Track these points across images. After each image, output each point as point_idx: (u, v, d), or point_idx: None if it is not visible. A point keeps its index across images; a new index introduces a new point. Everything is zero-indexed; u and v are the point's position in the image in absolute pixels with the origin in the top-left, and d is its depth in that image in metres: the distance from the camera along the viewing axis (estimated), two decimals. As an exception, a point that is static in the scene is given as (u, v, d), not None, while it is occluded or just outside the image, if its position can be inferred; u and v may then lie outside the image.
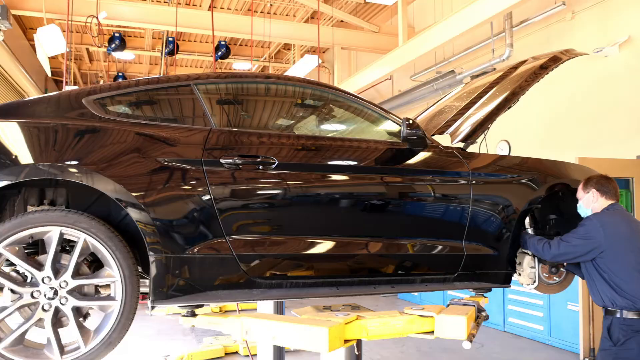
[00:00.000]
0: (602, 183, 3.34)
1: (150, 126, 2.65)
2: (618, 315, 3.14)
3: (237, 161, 2.61)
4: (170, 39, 12.16)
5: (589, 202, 3.36)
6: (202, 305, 2.76)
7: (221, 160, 2.59)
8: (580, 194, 3.41)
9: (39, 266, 2.37)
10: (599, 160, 6.17)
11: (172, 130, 2.66)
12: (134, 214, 2.42)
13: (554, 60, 3.58)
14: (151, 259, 2.43)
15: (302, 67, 11.50)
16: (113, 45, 12.13)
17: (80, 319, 2.45)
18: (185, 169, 2.54)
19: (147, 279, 2.57)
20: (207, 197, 2.54)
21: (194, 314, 2.75)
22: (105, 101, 2.70)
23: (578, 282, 5.52)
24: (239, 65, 15.14)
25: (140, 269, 2.62)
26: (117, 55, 14.32)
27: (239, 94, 3.15)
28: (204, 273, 2.53)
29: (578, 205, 3.44)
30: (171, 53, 12.32)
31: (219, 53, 12.95)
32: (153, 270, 2.43)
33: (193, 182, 2.54)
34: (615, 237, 3.16)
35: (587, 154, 6.60)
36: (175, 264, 2.46)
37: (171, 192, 2.51)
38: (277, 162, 2.68)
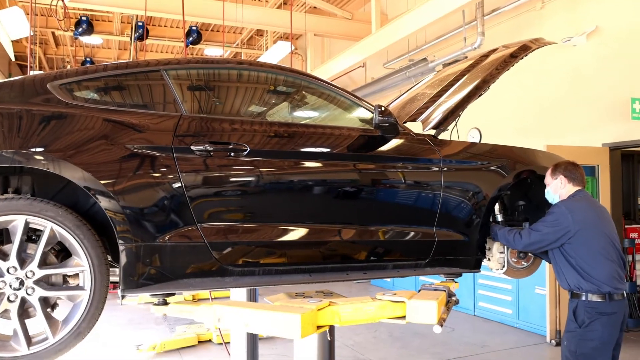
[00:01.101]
0: (569, 169, 3.40)
1: (119, 112, 2.59)
2: (583, 298, 3.22)
3: (208, 148, 2.58)
4: (140, 24, 11.90)
5: (557, 188, 3.43)
6: (173, 294, 2.73)
7: (192, 147, 2.56)
8: (548, 179, 3.47)
9: (4, 256, 2.31)
10: (567, 147, 6.31)
11: (141, 116, 2.61)
12: (102, 202, 2.38)
13: (524, 49, 3.63)
14: (121, 247, 2.39)
15: (275, 54, 11.41)
16: (80, 30, 11.81)
17: (48, 310, 2.40)
18: (155, 156, 2.50)
19: (117, 267, 2.53)
20: (177, 184, 2.50)
21: (165, 303, 2.73)
22: (72, 86, 2.63)
23: (545, 267, 5.66)
24: (211, 51, 14.93)
25: (109, 258, 2.58)
26: (85, 39, 13.96)
27: (211, 80, 3.10)
28: (175, 261, 2.50)
29: (546, 190, 3.50)
30: (141, 38, 12.06)
31: (190, 39, 12.74)
32: (123, 259, 2.39)
33: (163, 169, 2.50)
34: (583, 223, 3.24)
35: (555, 142, 6.73)
36: (145, 253, 2.43)
37: (141, 180, 2.47)
38: (249, 149, 2.65)
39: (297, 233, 2.76)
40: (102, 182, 2.37)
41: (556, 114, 7.73)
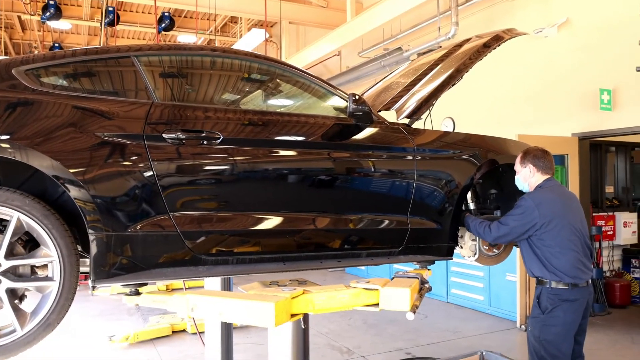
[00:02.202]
0: (538, 157, 3.45)
1: (88, 99, 2.53)
2: (547, 285, 3.31)
3: (180, 136, 2.54)
4: (110, 9, 11.61)
5: (526, 177, 3.48)
6: (146, 284, 2.70)
7: (164, 135, 2.52)
8: (517, 167, 3.52)
9: (-31, 247, 2.25)
10: (538, 137, 6.41)
11: (111, 103, 2.55)
12: (72, 191, 2.32)
13: (497, 39, 3.67)
14: (91, 237, 2.35)
15: (249, 41, 11.28)
16: (47, 14, 11.47)
17: (16, 301, 2.35)
18: (125, 144, 2.45)
19: (87, 258, 2.49)
20: (149, 173, 2.46)
21: (137, 293, 2.70)
22: (39, 72, 2.56)
23: (515, 254, 5.77)
24: (184, 38, 14.69)
25: (79, 248, 2.54)
26: (53, 24, 13.56)
27: (183, 67, 3.05)
28: (147, 251, 2.47)
29: (516, 178, 3.56)
30: (111, 24, 11.78)
31: (163, 25, 12.49)
32: (93, 248, 2.35)
33: (134, 157, 2.45)
34: (550, 215, 3.30)
35: (527, 132, 6.84)
36: (116, 242, 2.39)
37: (111, 169, 2.42)
38: (222, 137, 2.63)
39: (271, 222, 2.75)
40: (72, 170, 2.32)
41: (528, 104, 7.85)
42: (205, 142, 2.60)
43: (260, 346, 5.75)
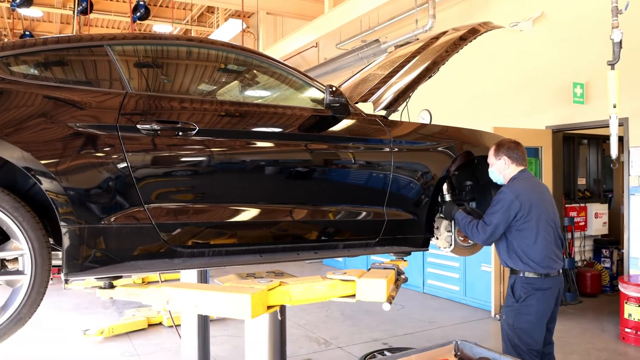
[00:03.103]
0: (512, 149, 3.49)
1: (60, 89, 2.47)
2: (521, 274, 3.37)
3: (155, 127, 2.51)
4: (84, -4, 11.37)
5: (501, 169, 3.52)
6: (120, 277, 2.66)
7: (138, 126, 2.48)
8: (491, 159, 3.56)
9: None
10: (512, 129, 6.50)
11: (84, 93, 2.50)
12: (43, 183, 2.27)
13: (473, 32, 3.69)
14: (63, 230, 2.30)
15: (226, 32, 11.17)
16: (18, 1, 11.16)
17: (-15, 295, 2.30)
18: (99, 135, 2.41)
19: (59, 251, 2.44)
20: (123, 164, 2.42)
21: (112, 286, 2.66)
22: (9, 61, 2.49)
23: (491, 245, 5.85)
24: (160, 27, 14.46)
25: (52, 241, 2.49)
26: (23, 12, 13.22)
27: (158, 57, 3.00)
28: (121, 243, 2.43)
29: (490, 170, 3.60)
30: (84, 12, 11.52)
31: (138, 14, 12.27)
32: (66, 241, 2.31)
33: (108, 148, 2.41)
34: (528, 206, 3.35)
35: (502, 124, 6.93)
36: (90, 235, 2.35)
37: (84, 160, 2.37)
38: (197, 129, 2.60)
39: (247, 213, 2.74)
40: (43, 162, 2.27)
41: (503, 97, 7.95)
42: (180, 133, 2.57)
43: (237, 338, 5.75)
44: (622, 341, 5.71)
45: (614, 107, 4.84)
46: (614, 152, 5.12)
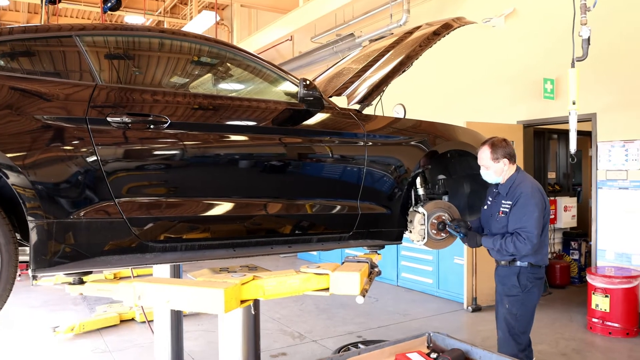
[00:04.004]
0: (508, 150, 3.48)
1: (27, 80, 2.41)
2: (525, 264, 3.42)
3: (126, 120, 2.46)
4: (52, -15, 11.07)
5: (501, 171, 3.49)
6: (90, 273, 2.62)
7: (108, 119, 2.44)
8: (487, 162, 3.50)
9: None
10: (485, 124, 6.59)
11: (52, 85, 2.44)
12: (10, 177, 2.22)
13: (446, 27, 3.72)
14: (31, 225, 2.25)
15: (199, 24, 11.03)
16: (-17, -10, 10.82)
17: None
18: (67, 128, 2.36)
19: (27, 246, 2.39)
20: (93, 158, 2.38)
21: (82, 282, 2.61)
22: (-27, 51, 2.41)
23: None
24: (131, 19, 14.20)
25: (19, 236, 2.43)
26: (-11, 1, 12.84)
27: (130, 49, 2.95)
28: (91, 238, 2.39)
29: (484, 172, 3.54)
30: (53, 1, 11.22)
31: (108, 4, 12.00)
32: (33, 236, 2.26)
33: (76, 141, 2.36)
34: (545, 202, 3.43)
35: (475, 119, 7.01)
36: (58, 230, 2.30)
37: (52, 153, 2.32)
38: (169, 122, 2.56)
39: (221, 208, 2.71)
40: (9, 155, 2.21)
41: (476, 92, 8.04)
42: (152, 127, 2.54)
43: (211, 333, 5.71)
44: (590, 331, 5.86)
45: (573, 103, 4.97)
46: (573, 146, 5.25)
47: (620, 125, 6.19)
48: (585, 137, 7.62)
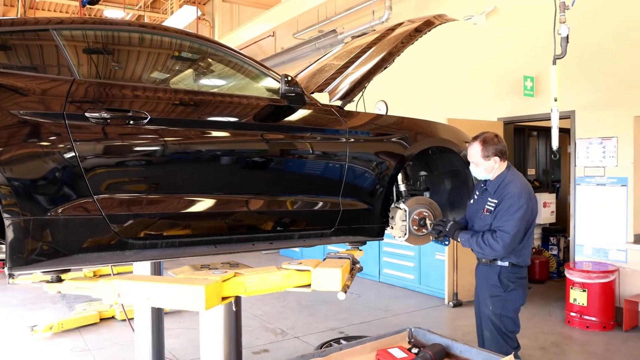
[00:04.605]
0: (500, 148, 3.39)
1: (3, 75, 2.36)
2: (507, 264, 3.36)
3: (105, 115, 2.43)
4: (29, -21, 10.87)
5: (491, 169, 3.42)
6: (68, 270, 2.58)
7: (86, 114, 2.40)
8: (477, 159, 3.43)
9: None
10: (466, 121, 6.64)
11: (28, 80, 2.39)
12: None
13: (428, 24, 3.73)
14: (7, 222, 2.21)
15: (180, 19, 10.94)
16: (-43, -18, 10.57)
17: None
18: (44, 124, 2.31)
19: (3, 244, 2.34)
20: (71, 154, 2.34)
21: (59, 280, 2.57)
22: (-55, 44, 2.36)
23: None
24: (111, 13, 14.00)
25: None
26: (-36, -7, 12.55)
27: (109, 43, 2.91)
28: (69, 235, 2.35)
29: (474, 169, 3.49)
30: (30, -5, 11.03)
31: (88, -2, 11.84)
32: (9, 234, 2.21)
33: (54, 137, 2.32)
34: (533, 204, 3.37)
35: (456, 116, 7.07)
36: (35, 227, 2.26)
37: (29, 149, 2.28)
38: (149, 117, 2.53)
39: (202, 204, 2.69)
40: None
41: (457, 89, 8.10)
42: (131, 122, 2.50)
43: (193, 330, 5.68)
44: (568, 325, 5.96)
45: (555, 100, 5.03)
46: (555, 143, 5.32)
47: (598, 123, 6.29)
48: (564, 134, 7.72)
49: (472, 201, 3.64)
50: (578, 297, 5.89)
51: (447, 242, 3.68)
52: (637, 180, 6.05)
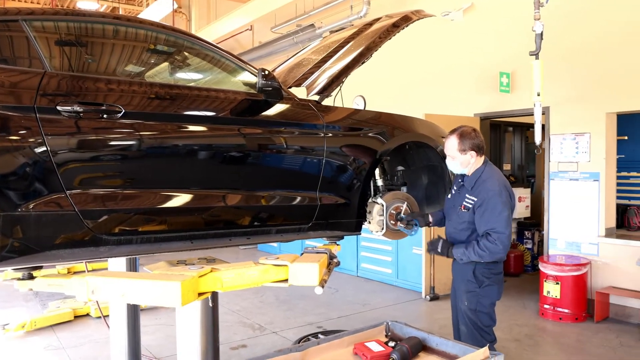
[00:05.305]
0: (477, 142, 3.39)
1: (-30, 67, 2.30)
2: (481, 261, 3.35)
3: (77, 109, 2.38)
4: (-1, -31, 10.58)
5: (467, 163, 3.42)
6: (40, 267, 2.53)
7: (58, 108, 2.34)
8: (453, 152, 3.42)
9: None
10: (443, 116, 6.69)
11: (-4, 72, 2.33)
12: None
13: (405, 20, 3.75)
14: (-25, 218, 2.15)
15: (156, 11, 10.78)
16: None
17: None
18: (14, 117, 2.25)
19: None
20: (42, 148, 2.29)
21: (31, 277, 2.52)
22: None
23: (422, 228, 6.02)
24: (84, 4, 13.72)
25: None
26: None
27: (82, 35, 2.84)
28: (41, 231, 2.30)
29: (450, 162, 3.48)
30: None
31: (60, -11, 11.59)
32: (-22, 230, 2.16)
33: (24, 131, 2.26)
34: (512, 194, 3.38)
35: (433, 111, 7.12)
36: (5, 223, 2.21)
37: (-2, 143, 2.22)
38: (124, 111, 2.49)
39: (177, 199, 2.66)
40: None
41: (435, 85, 8.16)
42: (105, 116, 2.46)
43: (170, 327, 5.63)
44: (542, 317, 6.08)
45: (538, 95, 5.07)
46: (538, 138, 5.38)
47: (572, 119, 6.40)
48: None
49: (449, 196, 3.66)
50: (551, 289, 6.00)
51: (414, 233, 3.68)
52: (608, 175, 6.19)
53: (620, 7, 5.94)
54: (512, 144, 9.34)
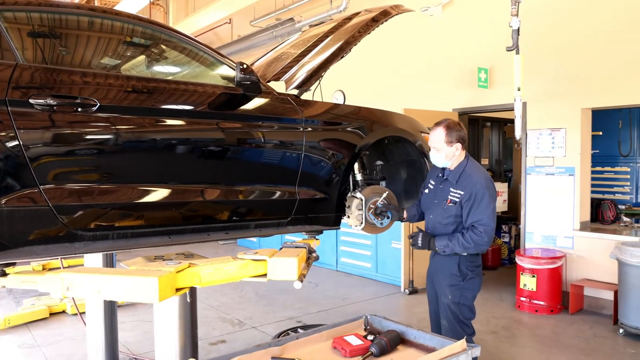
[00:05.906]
0: (462, 135, 3.39)
1: (-62, 59, 2.23)
2: (465, 254, 3.38)
3: (51, 102, 2.33)
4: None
5: (452, 156, 3.40)
6: (14, 264, 2.48)
7: (31, 101, 2.29)
8: (439, 144, 3.38)
9: None
10: (422, 111, 6.73)
11: (-34, 64, 2.27)
12: None
13: (384, 14, 3.75)
14: (-55, 214, 2.10)
15: (133, 3, 10.59)
16: None
17: None
18: (-16, 110, 2.20)
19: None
20: (14, 142, 2.23)
21: (3, 274, 2.47)
22: None
23: (399, 223, 6.06)
24: (60, -4, 13.45)
25: None
26: None
27: (56, 27, 2.78)
28: (13, 227, 2.25)
29: (435, 155, 3.44)
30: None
31: (34, -20, 11.32)
32: (-52, 227, 2.11)
33: (-5, 125, 2.21)
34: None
35: (412, 106, 7.15)
36: (-24, 219, 2.16)
37: (-32, 137, 2.16)
38: (99, 105, 2.45)
39: (155, 194, 2.63)
40: None
41: (414, 80, 8.19)
42: (80, 110, 2.41)
43: (147, 323, 5.58)
44: (518, 309, 6.17)
45: (519, 90, 5.10)
46: (518, 132, 5.43)
47: (548, 114, 6.49)
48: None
49: (427, 190, 3.64)
50: (528, 282, 6.10)
51: (384, 224, 3.67)
52: (583, 170, 6.30)
53: (596, 7, 6.03)
54: (490, 138, 9.44)
